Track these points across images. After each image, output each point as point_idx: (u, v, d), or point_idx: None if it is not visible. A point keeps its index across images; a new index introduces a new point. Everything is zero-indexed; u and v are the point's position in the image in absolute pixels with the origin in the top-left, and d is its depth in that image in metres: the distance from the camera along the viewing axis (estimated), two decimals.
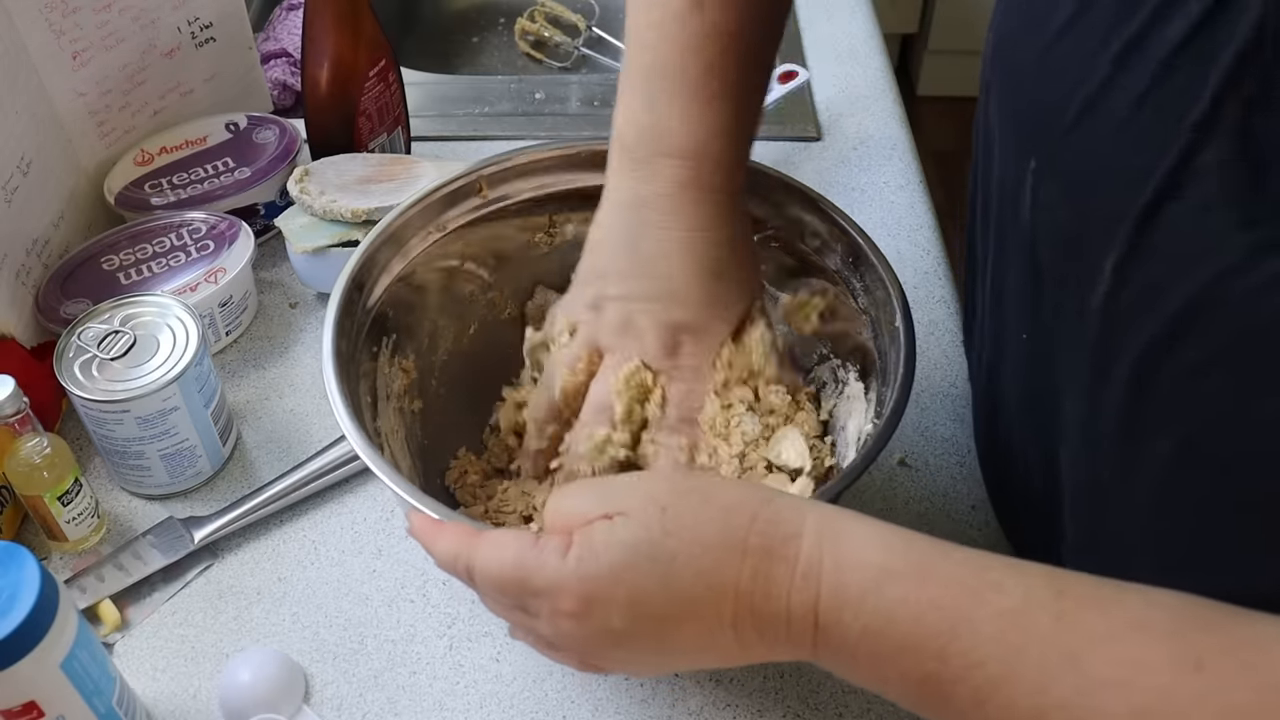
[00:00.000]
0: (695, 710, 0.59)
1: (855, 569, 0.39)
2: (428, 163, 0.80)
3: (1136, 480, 0.44)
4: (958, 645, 0.37)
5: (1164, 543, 0.44)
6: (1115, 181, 0.41)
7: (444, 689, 0.60)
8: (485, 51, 1.19)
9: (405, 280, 0.64)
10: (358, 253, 0.61)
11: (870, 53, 1.04)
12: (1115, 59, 0.40)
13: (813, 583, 0.40)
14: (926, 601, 0.38)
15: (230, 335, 0.78)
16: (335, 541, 0.67)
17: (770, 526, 0.41)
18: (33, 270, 0.73)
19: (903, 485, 0.69)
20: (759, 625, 0.41)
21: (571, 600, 0.42)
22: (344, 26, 0.79)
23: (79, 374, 0.64)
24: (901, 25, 2.40)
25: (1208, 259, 0.37)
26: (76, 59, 0.76)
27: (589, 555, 0.42)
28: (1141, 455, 0.43)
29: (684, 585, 0.41)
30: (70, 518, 0.64)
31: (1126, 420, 0.44)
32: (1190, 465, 0.41)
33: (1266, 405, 0.37)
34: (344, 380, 0.56)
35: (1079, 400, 0.48)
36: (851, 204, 0.75)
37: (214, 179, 0.81)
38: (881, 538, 0.40)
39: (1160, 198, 0.39)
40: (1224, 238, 0.37)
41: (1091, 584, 0.38)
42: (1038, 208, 0.48)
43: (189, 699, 0.60)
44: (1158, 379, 0.41)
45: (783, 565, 0.40)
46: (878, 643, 0.39)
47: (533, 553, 0.43)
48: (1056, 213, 0.46)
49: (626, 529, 0.42)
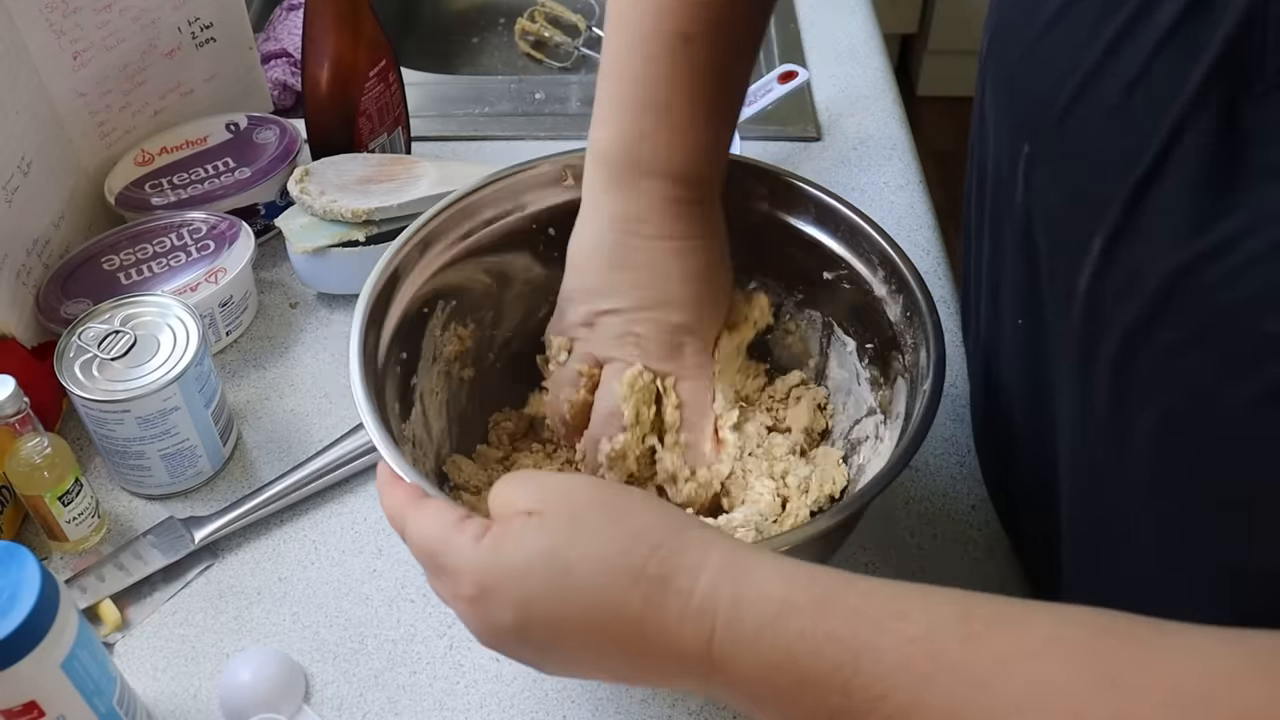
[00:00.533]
0: (695, 710, 0.59)
1: (754, 604, 0.38)
2: (428, 163, 0.80)
3: (1129, 463, 0.44)
4: (860, 679, 0.36)
5: (1158, 528, 0.44)
6: (1105, 166, 0.41)
7: (444, 689, 0.60)
8: (485, 51, 1.19)
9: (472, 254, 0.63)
10: (430, 212, 0.61)
11: (870, 53, 1.04)
12: (1106, 47, 0.41)
13: (708, 618, 0.39)
14: (824, 634, 0.37)
15: (230, 335, 0.78)
16: (335, 541, 0.67)
17: (673, 556, 0.40)
18: (33, 270, 0.73)
19: (903, 485, 0.69)
20: (650, 653, 0.40)
21: (469, 587, 0.42)
22: (344, 26, 0.79)
23: (79, 374, 0.64)
24: (901, 25, 2.40)
25: (1188, 242, 0.37)
26: (77, 59, 0.77)
27: (495, 549, 0.42)
28: (1129, 436, 0.43)
29: (574, 598, 0.40)
30: (71, 518, 0.64)
31: (1113, 401, 0.44)
32: (1171, 452, 0.41)
33: (1239, 389, 0.37)
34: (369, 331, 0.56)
35: (1070, 383, 0.48)
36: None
37: (214, 179, 0.81)
38: (785, 573, 0.39)
39: (1147, 181, 0.39)
40: (1204, 221, 0.37)
41: (1001, 604, 0.37)
42: (1031, 192, 0.48)
43: (189, 699, 0.60)
44: (1138, 359, 0.41)
45: (677, 598, 0.39)
46: (777, 678, 0.38)
47: (454, 531, 0.43)
48: (1049, 197, 0.47)
49: (534, 530, 0.42)
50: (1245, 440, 0.37)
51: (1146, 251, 0.40)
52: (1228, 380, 0.37)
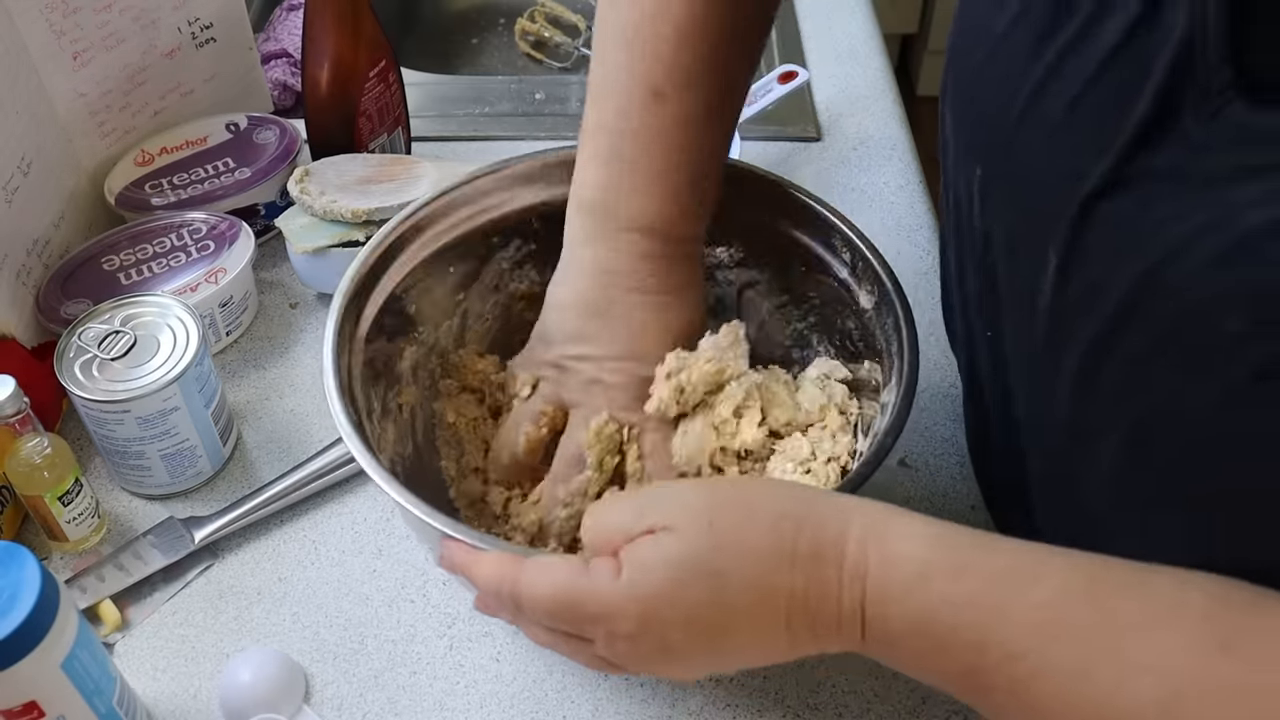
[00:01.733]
0: (695, 710, 0.59)
1: (897, 565, 0.40)
2: (428, 163, 0.80)
3: (1096, 475, 0.45)
4: (995, 637, 0.38)
5: (1127, 535, 0.45)
6: (1053, 184, 0.42)
7: (444, 689, 0.60)
8: (485, 52, 1.19)
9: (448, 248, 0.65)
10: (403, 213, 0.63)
11: (870, 53, 1.04)
12: (1049, 66, 0.42)
13: (859, 581, 0.40)
14: (965, 597, 0.39)
15: (230, 335, 0.78)
16: (335, 541, 0.67)
17: (817, 531, 0.41)
18: (33, 270, 0.73)
19: (903, 485, 0.69)
20: (812, 626, 0.41)
21: (628, 623, 0.42)
22: (344, 26, 0.79)
23: (79, 374, 0.64)
24: (901, 25, 2.40)
25: (1146, 250, 0.38)
26: (77, 59, 0.77)
27: (640, 575, 0.42)
28: (1095, 448, 0.44)
29: (736, 596, 0.41)
30: (71, 518, 0.64)
31: (1077, 414, 0.45)
32: (1139, 464, 0.42)
33: (1205, 392, 0.37)
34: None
35: (1034, 400, 0.49)
36: (851, 205, 0.75)
37: (214, 179, 0.81)
38: (924, 533, 0.41)
39: (1095, 197, 0.40)
40: (1161, 228, 0.37)
41: (1125, 570, 0.39)
42: (987, 213, 0.49)
43: (189, 699, 0.60)
44: (1102, 372, 0.42)
45: (831, 568, 0.41)
46: (920, 639, 0.40)
47: (583, 578, 0.43)
48: (1005, 216, 0.48)
49: (675, 545, 0.42)
50: (1213, 442, 0.38)
51: (1103, 265, 0.40)
52: (1193, 384, 0.38)
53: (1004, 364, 0.52)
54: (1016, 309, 0.48)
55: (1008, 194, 0.47)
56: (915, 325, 0.58)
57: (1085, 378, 0.43)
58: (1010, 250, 0.48)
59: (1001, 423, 0.56)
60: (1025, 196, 0.45)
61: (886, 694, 0.60)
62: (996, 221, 0.49)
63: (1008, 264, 0.48)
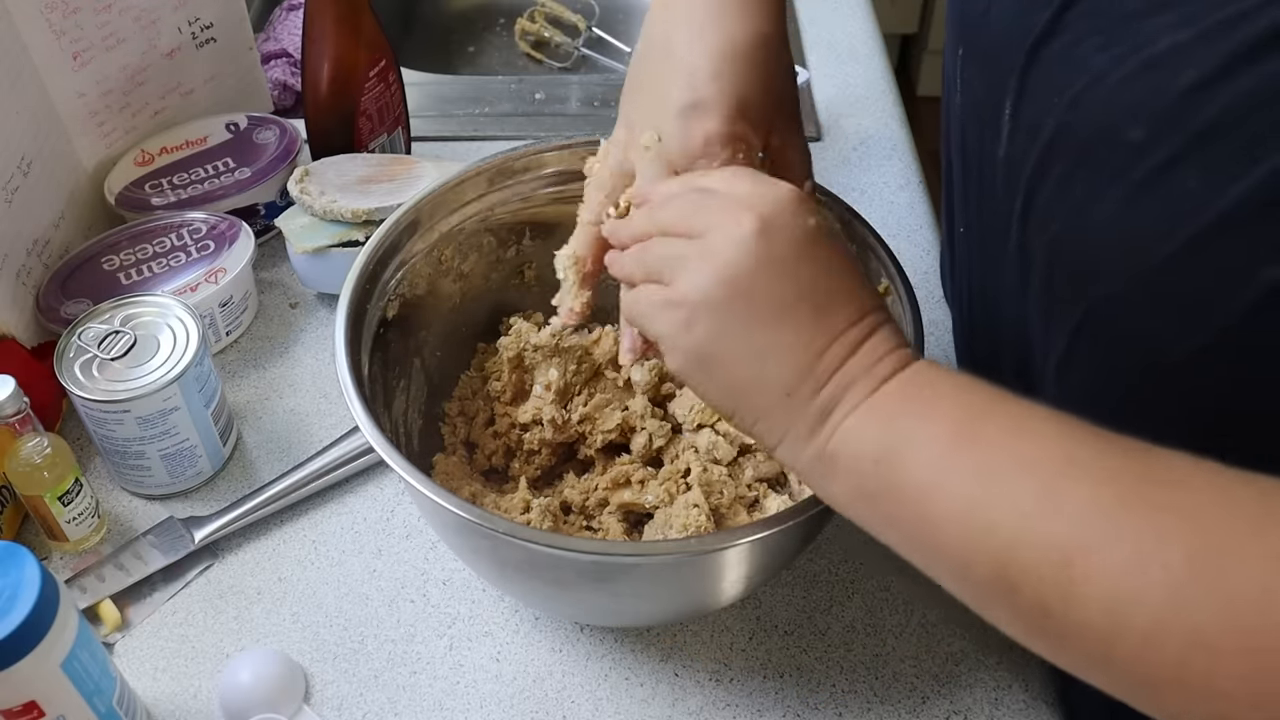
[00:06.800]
0: (695, 710, 0.59)
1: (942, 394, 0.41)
2: (428, 163, 0.80)
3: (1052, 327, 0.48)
4: None
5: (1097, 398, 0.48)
6: (1009, 42, 0.46)
7: (444, 689, 0.61)
8: (485, 51, 1.19)
9: None
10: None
11: (870, 53, 1.04)
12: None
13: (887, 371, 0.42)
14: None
15: (230, 335, 0.78)
16: (335, 541, 0.67)
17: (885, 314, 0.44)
18: (33, 270, 0.73)
19: None
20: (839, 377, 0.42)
21: (751, 218, 0.42)
22: (344, 26, 0.79)
23: (79, 374, 0.64)
24: (901, 25, 2.40)
25: (1074, 81, 0.42)
26: (77, 59, 0.77)
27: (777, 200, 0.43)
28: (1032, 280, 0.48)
29: (816, 290, 0.42)
30: (70, 518, 0.64)
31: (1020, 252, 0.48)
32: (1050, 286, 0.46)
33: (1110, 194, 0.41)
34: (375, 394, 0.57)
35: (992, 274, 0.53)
36: (851, 204, 0.75)
37: (214, 179, 0.81)
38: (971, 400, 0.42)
39: (1038, 45, 0.44)
40: (1086, 61, 0.42)
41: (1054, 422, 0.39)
42: (965, 89, 0.53)
43: (189, 699, 0.60)
44: (1034, 203, 0.46)
45: (884, 344, 0.42)
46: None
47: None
48: (975, 86, 0.52)
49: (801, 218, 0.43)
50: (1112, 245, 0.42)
51: (1041, 104, 0.45)
52: (1100, 190, 0.42)
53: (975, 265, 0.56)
54: (984, 174, 0.51)
55: (980, 65, 0.51)
56: (920, 310, 0.57)
57: (1025, 213, 0.47)
58: (979, 119, 0.51)
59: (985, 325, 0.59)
60: (991, 61, 0.49)
61: (886, 694, 0.60)
62: (969, 92, 0.53)
63: (978, 134, 0.52)
